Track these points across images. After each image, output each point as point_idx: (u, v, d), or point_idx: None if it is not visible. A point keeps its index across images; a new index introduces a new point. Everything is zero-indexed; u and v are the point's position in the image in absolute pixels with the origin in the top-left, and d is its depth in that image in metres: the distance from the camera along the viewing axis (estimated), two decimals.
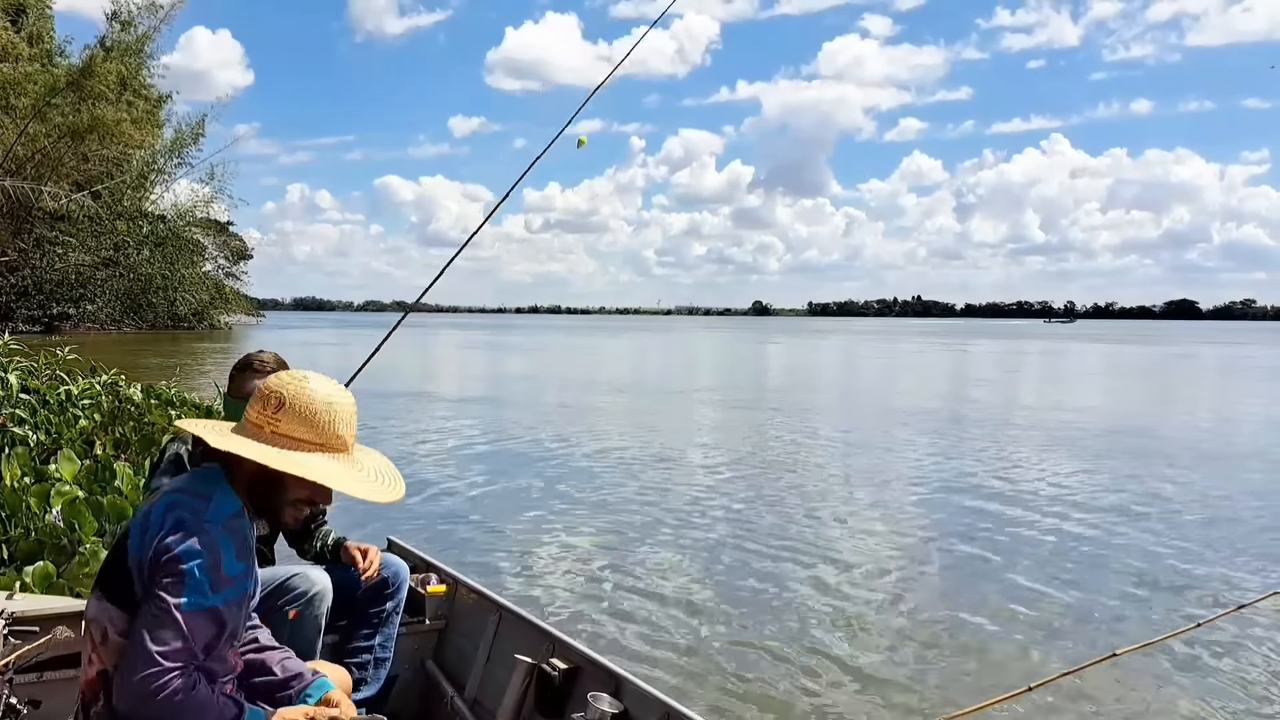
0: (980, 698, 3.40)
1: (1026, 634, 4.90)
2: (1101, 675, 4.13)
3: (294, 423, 1.78)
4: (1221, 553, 6.57)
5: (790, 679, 4.23)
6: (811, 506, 7.98)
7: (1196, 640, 4.64)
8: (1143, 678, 4.29)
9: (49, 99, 38.24)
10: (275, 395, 1.80)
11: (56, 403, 8.72)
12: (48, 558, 4.42)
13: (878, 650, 4.63)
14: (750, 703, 3.99)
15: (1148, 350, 47.13)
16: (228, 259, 59.61)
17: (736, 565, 6.03)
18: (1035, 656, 4.58)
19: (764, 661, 4.43)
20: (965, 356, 39.99)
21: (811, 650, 4.59)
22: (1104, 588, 5.72)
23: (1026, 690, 2.40)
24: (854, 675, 4.29)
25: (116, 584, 1.80)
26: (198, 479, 1.86)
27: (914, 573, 6.05)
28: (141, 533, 1.77)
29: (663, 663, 4.34)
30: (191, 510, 1.76)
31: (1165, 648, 4.47)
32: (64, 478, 5.62)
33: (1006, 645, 4.75)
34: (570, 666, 2.56)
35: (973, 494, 8.59)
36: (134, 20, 45.20)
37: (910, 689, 4.17)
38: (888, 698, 4.08)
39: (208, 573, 1.70)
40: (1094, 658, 2.77)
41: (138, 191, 47.39)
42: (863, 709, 3.97)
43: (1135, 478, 9.65)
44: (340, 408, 1.83)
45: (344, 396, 1.85)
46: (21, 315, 42.15)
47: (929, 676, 4.34)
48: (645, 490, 8.46)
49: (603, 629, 4.72)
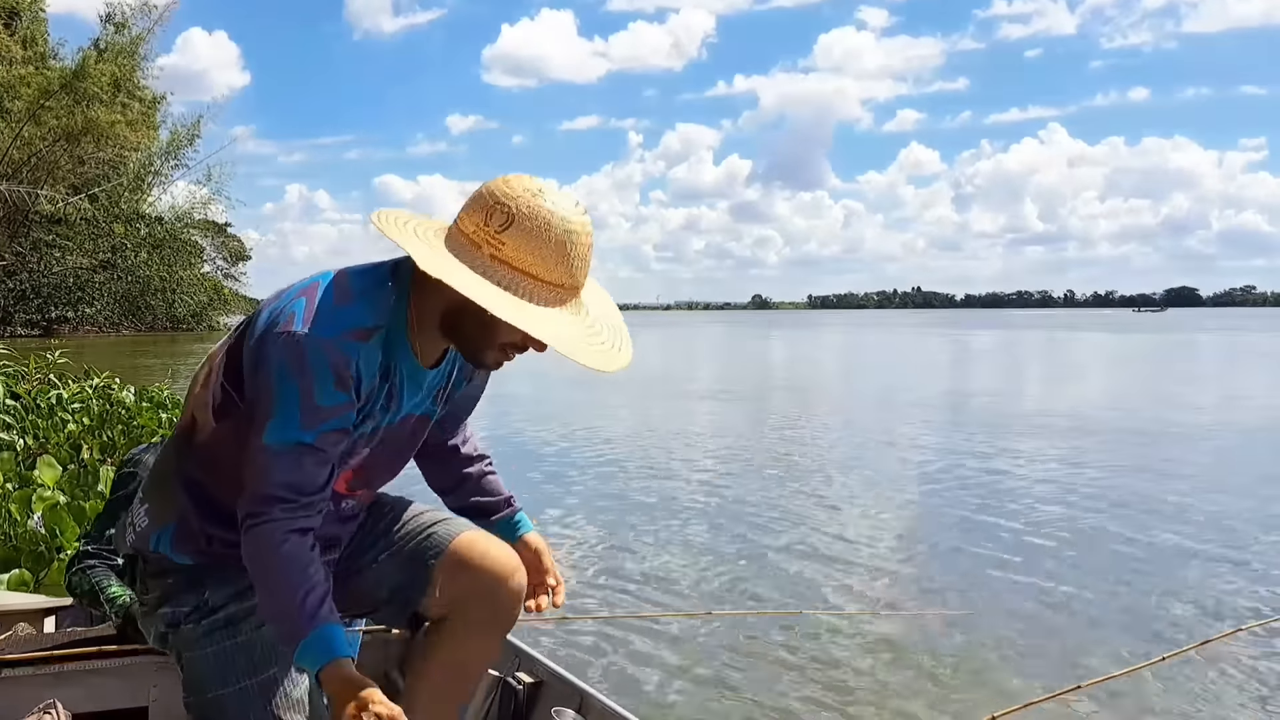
0: (1013, 701, 3.33)
1: (1071, 634, 4.64)
2: (1149, 678, 3.90)
3: (522, 249, 1.43)
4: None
5: (781, 704, 3.93)
6: (821, 509, 7.71)
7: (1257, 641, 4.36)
8: (1193, 682, 4.01)
9: (43, 102, 38.23)
10: (502, 209, 1.43)
11: (47, 407, 8.67)
12: (24, 565, 4.35)
13: (880, 653, 4.43)
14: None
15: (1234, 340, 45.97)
16: (226, 260, 59.71)
17: (730, 575, 5.74)
18: (1080, 657, 4.32)
19: (748, 687, 4.11)
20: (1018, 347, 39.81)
21: (815, 658, 4.31)
22: (1154, 587, 5.40)
23: (1075, 688, 2.29)
24: (854, 688, 4.05)
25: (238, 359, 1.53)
26: (361, 274, 1.54)
27: (941, 570, 5.86)
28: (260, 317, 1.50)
29: (628, 681, 4.06)
30: (306, 310, 1.45)
31: (1215, 651, 4.17)
32: (46, 483, 5.56)
33: (1049, 643, 4.51)
34: (535, 681, 2.50)
35: (1050, 491, 8.43)
36: (128, 22, 45.14)
37: (922, 698, 3.95)
38: (893, 706, 3.90)
39: (298, 401, 1.43)
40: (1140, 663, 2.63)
41: (135, 194, 47.34)
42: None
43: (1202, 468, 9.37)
44: (579, 237, 1.46)
45: (583, 221, 1.48)
46: (20, 319, 42.15)
47: (957, 685, 4.04)
48: (634, 494, 8.21)
49: (571, 645, 4.42)
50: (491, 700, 2.51)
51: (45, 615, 3.15)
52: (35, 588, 4.23)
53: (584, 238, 1.47)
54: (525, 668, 2.58)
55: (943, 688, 4.02)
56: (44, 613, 3.15)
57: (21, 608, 3.09)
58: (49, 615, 3.16)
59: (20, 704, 2.10)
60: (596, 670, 4.16)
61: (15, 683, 2.22)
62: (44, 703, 2.07)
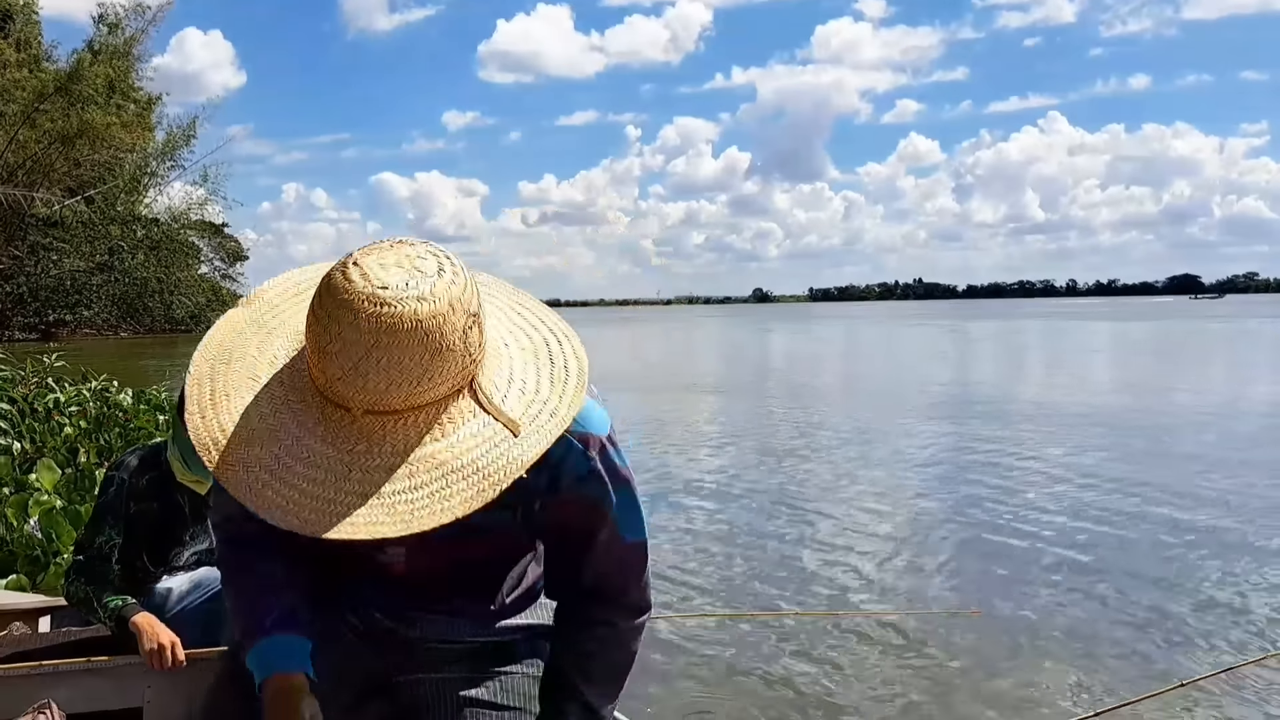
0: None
1: (1105, 650, 4.35)
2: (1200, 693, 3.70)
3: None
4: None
5: (787, 710, 3.82)
6: (833, 508, 7.51)
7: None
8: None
9: (38, 104, 38.16)
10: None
11: (44, 410, 8.64)
12: (21, 569, 4.34)
13: (884, 659, 4.32)
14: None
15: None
16: (224, 261, 59.52)
17: (731, 590, 5.49)
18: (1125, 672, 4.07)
19: (752, 690, 4.04)
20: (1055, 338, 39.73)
21: (808, 677, 4.17)
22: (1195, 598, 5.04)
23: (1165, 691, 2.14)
24: (856, 709, 3.89)
25: None
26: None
27: (964, 569, 5.70)
28: None
29: (629, 685, 4.01)
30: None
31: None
32: (43, 487, 5.54)
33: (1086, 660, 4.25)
34: None
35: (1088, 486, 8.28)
36: (121, 23, 45.08)
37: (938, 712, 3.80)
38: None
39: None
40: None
41: (131, 195, 47.27)
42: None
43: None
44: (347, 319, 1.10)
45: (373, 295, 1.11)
46: (18, 323, 42.10)
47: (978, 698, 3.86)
48: (643, 491, 8.14)
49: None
50: None
51: (41, 615, 3.14)
52: (32, 592, 4.21)
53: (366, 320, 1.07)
54: None
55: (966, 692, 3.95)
56: (39, 613, 3.14)
57: (17, 607, 3.07)
58: (44, 615, 3.15)
59: (15, 704, 2.10)
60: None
61: (10, 683, 2.21)
62: (38, 703, 2.06)
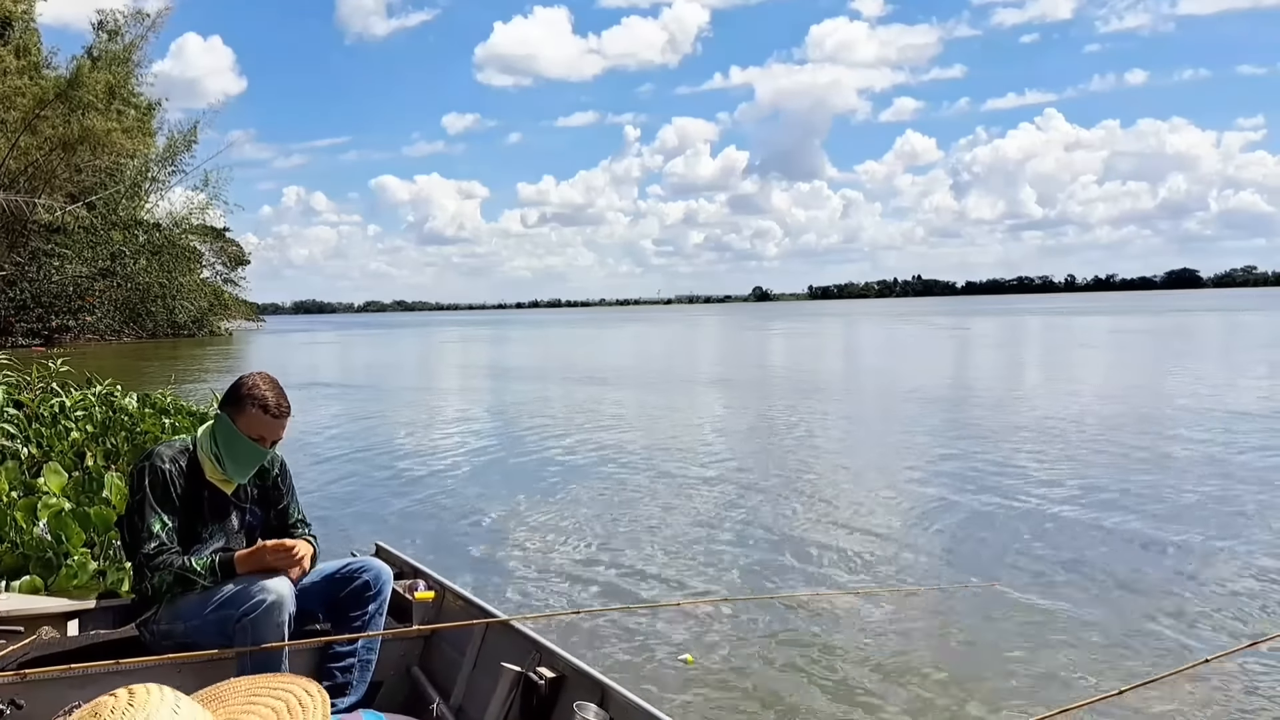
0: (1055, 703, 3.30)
1: (1113, 635, 4.44)
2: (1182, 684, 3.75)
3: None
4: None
5: (803, 692, 3.87)
6: (834, 508, 7.51)
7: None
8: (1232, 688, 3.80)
9: (38, 111, 38.22)
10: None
11: (50, 415, 8.69)
12: (34, 571, 4.38)
13: (888, 660, 4.30)
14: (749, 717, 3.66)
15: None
16: (225, 265, 59.73)
17: (744, 575, 5.59)
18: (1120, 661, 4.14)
19: (770, 674, 4.06)
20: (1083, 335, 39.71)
21: (824, 659, 4.18)
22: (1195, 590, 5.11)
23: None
24: (873, 691, 3.92)
25: None
26: None
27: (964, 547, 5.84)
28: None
29: (649, 673, 4.05)
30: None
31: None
32: (51, 490, 5.59)
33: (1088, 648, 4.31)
34: (556, 675, 2.52)
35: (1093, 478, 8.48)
36: (121, 29, 45.24)
37: (940, 705, 3.81)
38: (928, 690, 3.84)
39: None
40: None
41: (132, 200, 47.41)
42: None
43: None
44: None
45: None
46: (21, 329, 42.19)
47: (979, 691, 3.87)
48: (648, 494, 8.07)
49: (592, 638, 4.44)
50: (513, 695, 2.53)
51: (69, 619, 3.17)
52: (44, 592, 4.26)
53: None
54: (546, 662, 2.59)
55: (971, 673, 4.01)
56: (67, 616, 3.18)
57: (44, 611, 3.11)
58: (73, 619, 3.19)
59: (45, 707, 2.13)
60: (618, 662, 4.16)
61: (41, 685, 2.26)
62: (69, 705, 2.11)
